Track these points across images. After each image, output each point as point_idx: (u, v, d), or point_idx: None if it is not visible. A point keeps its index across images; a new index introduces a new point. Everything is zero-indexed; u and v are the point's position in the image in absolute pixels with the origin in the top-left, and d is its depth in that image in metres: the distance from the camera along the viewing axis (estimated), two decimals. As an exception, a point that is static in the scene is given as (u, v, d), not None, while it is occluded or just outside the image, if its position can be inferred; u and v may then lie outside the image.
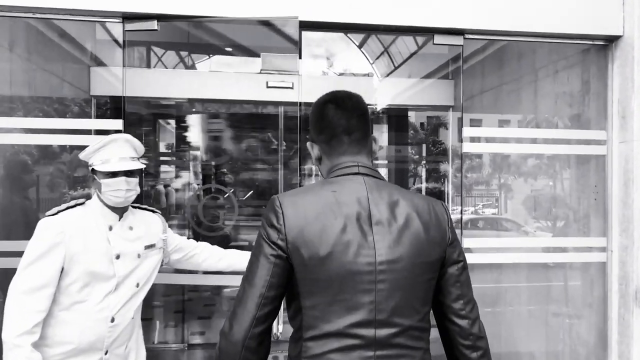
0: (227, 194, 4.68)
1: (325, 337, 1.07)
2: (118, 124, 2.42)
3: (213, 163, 5.52)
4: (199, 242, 2.17)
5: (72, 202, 1.83)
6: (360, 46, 9.58)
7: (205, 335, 4.69)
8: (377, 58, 9.04)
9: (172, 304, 5.25)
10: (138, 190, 1.82)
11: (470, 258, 2.61)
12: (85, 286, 1.74)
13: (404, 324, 1.10)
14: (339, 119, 1.19)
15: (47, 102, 3.54)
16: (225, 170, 5.61)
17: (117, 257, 1.79)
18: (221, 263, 2.13)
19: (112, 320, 1.78)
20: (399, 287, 1.09)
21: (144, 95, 4.04)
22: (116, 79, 3.35)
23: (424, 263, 1.12)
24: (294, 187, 1.90)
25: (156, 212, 2.06)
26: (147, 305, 5.33)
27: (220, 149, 5.65)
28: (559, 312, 3.32)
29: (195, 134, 5.62)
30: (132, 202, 1.92)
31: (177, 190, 5.68)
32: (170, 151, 5.79)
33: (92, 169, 1.81)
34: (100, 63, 3.96)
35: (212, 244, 2.20)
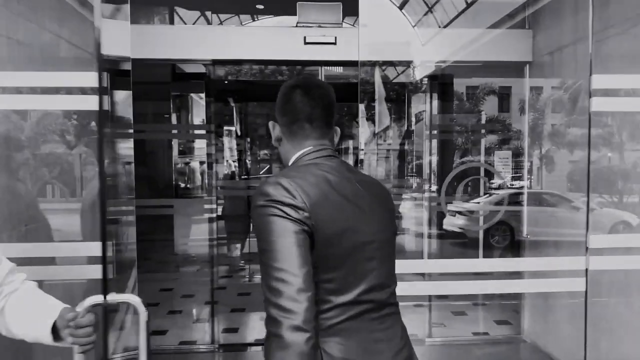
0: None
1: (341, 306, 1.12)
2: (91, 78, 1.71)
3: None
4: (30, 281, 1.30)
5: None
6: (401, 7, 8.77)
7: (239, 333, 4.12)
8: (423, 17, 8.23)
9: (200, 294, 4.69)
10: None
11: (595, 263, 1.90)
12: None
13: (392, 286, 1.24)
14: (304, 106, 1.22)
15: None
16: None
17: None
18: (26, 329, 1.23)
19: None
20: (387, 254, 1.23)
21: (157, 57, 3.42)
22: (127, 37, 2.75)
23: (394, 234, 1.29)
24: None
25: None
26: (169, 295, 4.84)
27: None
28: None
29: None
30: None
31: (210, 167, 5.12)
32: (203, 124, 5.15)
33: None
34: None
35: None
